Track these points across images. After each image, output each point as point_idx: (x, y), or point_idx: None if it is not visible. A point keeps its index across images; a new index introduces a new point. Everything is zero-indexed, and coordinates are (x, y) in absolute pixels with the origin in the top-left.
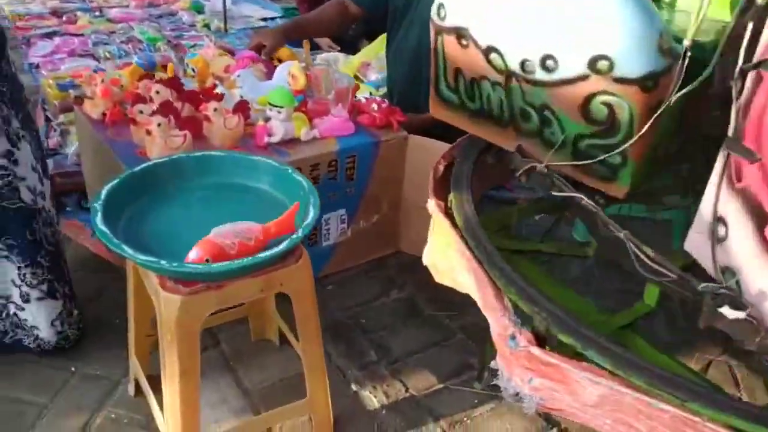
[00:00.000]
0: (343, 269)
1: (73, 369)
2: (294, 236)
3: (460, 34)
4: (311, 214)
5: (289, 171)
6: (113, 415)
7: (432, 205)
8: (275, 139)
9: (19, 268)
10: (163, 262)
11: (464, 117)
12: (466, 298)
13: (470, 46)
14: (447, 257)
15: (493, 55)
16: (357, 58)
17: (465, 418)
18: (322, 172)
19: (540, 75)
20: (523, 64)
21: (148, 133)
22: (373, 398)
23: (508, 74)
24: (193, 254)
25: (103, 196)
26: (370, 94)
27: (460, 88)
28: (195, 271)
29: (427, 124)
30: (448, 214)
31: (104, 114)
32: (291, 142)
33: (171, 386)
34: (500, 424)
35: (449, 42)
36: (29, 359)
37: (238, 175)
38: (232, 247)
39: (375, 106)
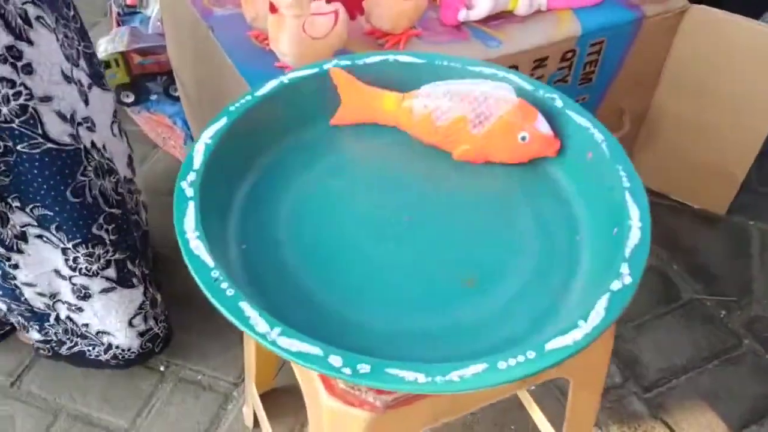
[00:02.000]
0: None
1: (162, 368)
2: (618, 296)
3: None
4: (636, 231)
5: (568, 114)
6: None
7: None
8: (478, 14)
9: (64, 251)
10: (335, 359)
11: None
12: (748, 272)
13: None
14: None
15: None
16: None
17: None
18: (550, 72)
19: None
20: None
21: (273, 9)
22: None
23: None
24: None
25: (200, 161)
26: None
27: None
28: (421, 386)
29: None
30: None
31: None
32: (499, 19)
33: None
34: None
35: None
36: None
37: None
38: None
39: None
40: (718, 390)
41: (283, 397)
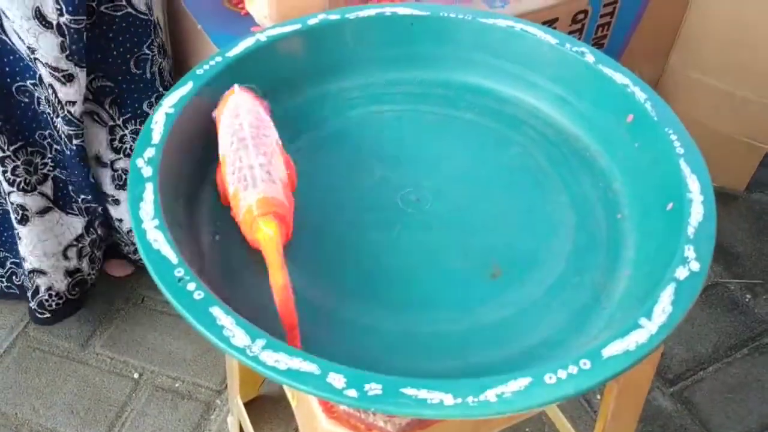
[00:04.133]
0: None
1: (135, 375)
2: (686, 287)
3: None
4: (698, 206)
5: (601, 71)
6: None
7: None
8: None
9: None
10: (336, 378)
11: None
12: None
13: None
14: None
15: None
16: None
17: None
18: None
19: None
20: None
21: None
22: None
23: None
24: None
25: (160, 134)
26: None
27: None
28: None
29: None
30: None
31: None
32: None
33: None
34: None
35: None
36: (55, 344)
37: (478, 66)
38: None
39: None
40: (749, 381)
41: (271, 406)
